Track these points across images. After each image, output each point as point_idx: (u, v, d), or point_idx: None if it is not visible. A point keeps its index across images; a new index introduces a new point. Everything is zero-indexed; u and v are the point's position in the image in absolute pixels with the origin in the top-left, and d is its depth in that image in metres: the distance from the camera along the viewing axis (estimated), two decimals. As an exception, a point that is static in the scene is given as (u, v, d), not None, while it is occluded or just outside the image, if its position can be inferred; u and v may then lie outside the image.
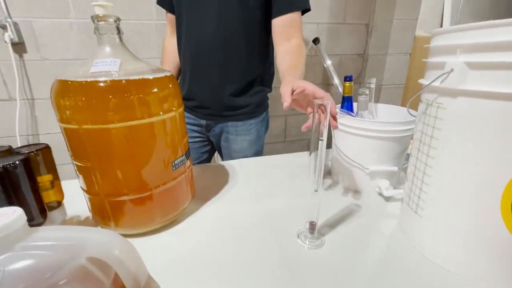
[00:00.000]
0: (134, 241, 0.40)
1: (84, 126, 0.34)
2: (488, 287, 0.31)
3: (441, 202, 0.33)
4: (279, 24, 0.66)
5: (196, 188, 0.52)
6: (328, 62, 0.59)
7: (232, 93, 0.74)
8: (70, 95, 0.34)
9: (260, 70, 0.76)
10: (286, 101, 0.44)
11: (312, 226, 0.39)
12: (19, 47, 0.94)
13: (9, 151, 0.35)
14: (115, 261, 0.20)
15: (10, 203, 0.30)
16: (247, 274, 0.34)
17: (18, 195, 0.32)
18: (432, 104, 0.32)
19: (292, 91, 0.45)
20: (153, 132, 0.38)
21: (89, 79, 0.34)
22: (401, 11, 1.11)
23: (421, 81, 0.34)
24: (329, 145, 0.57)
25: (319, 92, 0.44)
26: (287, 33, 0.67)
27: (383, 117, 0.58)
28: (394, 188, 0.50)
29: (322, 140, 0.34)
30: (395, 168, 0.49)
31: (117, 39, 0.38)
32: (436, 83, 0.30)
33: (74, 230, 0.20)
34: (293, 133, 1.40)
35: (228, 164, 0.67)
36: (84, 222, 0.44)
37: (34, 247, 0.18)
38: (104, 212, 0.40)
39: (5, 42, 0.90)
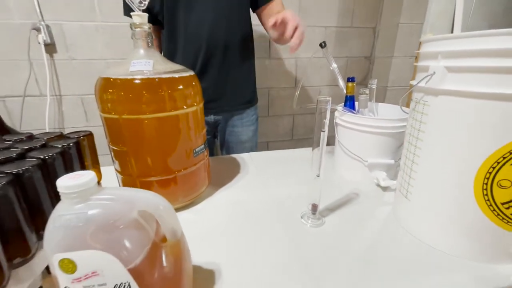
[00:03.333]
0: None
1: (123, 116, 0.41)
2: (466, 262, 0.36)
3: (426, 187, 0.38)
4: (269, 9, 0.78)
5: (211, 176, 0.58)
6: (334, 65, 0.64)
7: (237, 84, 0.81)
8: (112, 90, 0.41)
9: (252, 59, 0.86)
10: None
11: (314, 207, 0.45)
12: (50, 47, 1.03)
13: (61, 136, 0.42)
14: (159, 214, 0.26)
15: None
16: (257, 247, 0.40)
17: (73, 171, 0.39)
18: (420, 101, 0.38)
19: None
20: (178, 123, 0.45)
21: (128, 77, 0.41)
22: (407, 15, 1.16)
23: (411, 82, 0.40)
24: (332, 142, 0.63)
25: (290, 22, 0.59)
26: (271, 13, 0.76)
27: (382, 115, 0.63)
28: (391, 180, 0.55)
29: (323, 131, 0.39)
30: (392, 161, 0.54)
31: (149, 43, 0.45)
32: (422, 84, 0.36)
33: (129, 189, 0.27)
34: (300, 132, 1.45)
35: (239, 157, 0.73)
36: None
37: (103, 199, 0.25)
38: (135, 191, 0.46)
39: (39, 43, 0.99)
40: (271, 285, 0.33)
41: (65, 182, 0.23)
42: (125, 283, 0.23)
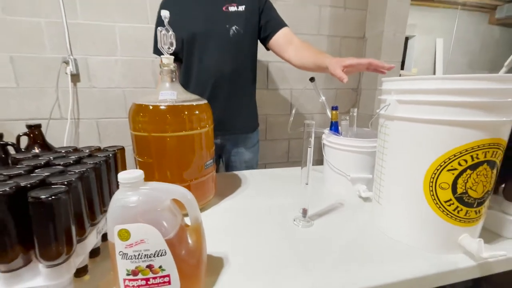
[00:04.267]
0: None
1: (152, 134, 0.52)
2: (424, 252, 0.44)
3: (391, 193, 0.48)
4: (279, 37, 0.89)
5: (217, 188, 0.67)
6: (322, 98, 0.77)
7: (239, 112, 0.93)
8: (144, 113, 0.52)
9: (254, 92, 0.99)
10: (345, 78, 0.64)
11: (305, 211, 0.54)
12: (75, 77, 1.17)
13: (99, 149, 0.52)
14: (187, 202, 0.36)
15: (109, 182, 0.46)
16: (257, 242, 0.48)
17: (110, 177, 0.48)
18: (383, 125, 0.49)
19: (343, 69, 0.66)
20: (193, 140, 0.55)
21: (157, 104, 0.52)
22: (387, 54, 1.33)
23: (377, 110, 0.51)
24: (322, 162, 0.73)
25: (362, 60, 0.64)
26: (287, 40, 0.89)
27: (362, 137, 0.74)
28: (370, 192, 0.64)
29: (310, 147, 0.50)
30: (370, 176, 0.64)
31: (174, 78, 0.57)
32: (383, 112, 0.47)
33: (165, 184, 0.36)
34: (295, 155, 1.56)
35: (241, 173, 0.83)
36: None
37: (147, 189, 0.34)
38: (155, 197, 0.55)
39: (66, 73, 1.13)
40: (270, 270, 0.41)
41: (124, 175, 0.32)
42: (162, 250, 0.32)
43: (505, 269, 0.44)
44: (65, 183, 0.33)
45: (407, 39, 3.80)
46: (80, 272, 0.38)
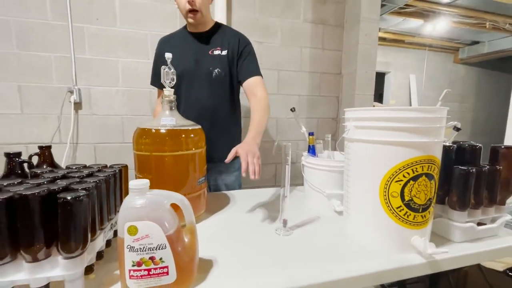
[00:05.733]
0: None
1: (153, 153, 0.60)
2: (384, 253, 0.52)
3: (355, 203, 0.57)
4: (247, 85, 0.99)
5: (208, 205, 0.74)
6: (303, 129, 0.88)
7: (218, 142, 1.02)
8: (147, 136, 0.61)
9: (236, 126, 1.10)
10: (226, 160, 0.70)
11: (285, 221, 0.61)
12: (77, 105, 1.26)
13: (105, 166, 0.60)
14: (184, 206, 0.43)
15: (115, 193, 0.53)
16: (242, 250, 0.55)
17: (116, 190, 0.55)
18: (346, 146, 0.60)
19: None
20: (188, 159, 0.64)
21: (158, 128, 0.62)
22: (361, 88, 1.51)
23: (342, 135, 0.62)
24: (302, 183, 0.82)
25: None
26: (254, 91, 0.98)
27: (336, 158, 0.84)
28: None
29: (288, 165, 0.60)
30: (343, 192, 0.74)
31: (174, 107, 0.67)
32: (345, 135, 0.58)
33: (166, 191, 0.44)
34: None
35: (229, 193, 0.90)
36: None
37: (151, 194, 0.42)
38: (152, 210, 0.62)
39: (69, 102, 1.22)
40: (253, 269, 0.48)
41: (134, 182, 0.41)
42: (163, 244, 0.39)
43: (451, 267, 0.52)
44: (85, 188, 0.41)
45: (384, 74, 4.21)
46: (87, 270, 0.43)
